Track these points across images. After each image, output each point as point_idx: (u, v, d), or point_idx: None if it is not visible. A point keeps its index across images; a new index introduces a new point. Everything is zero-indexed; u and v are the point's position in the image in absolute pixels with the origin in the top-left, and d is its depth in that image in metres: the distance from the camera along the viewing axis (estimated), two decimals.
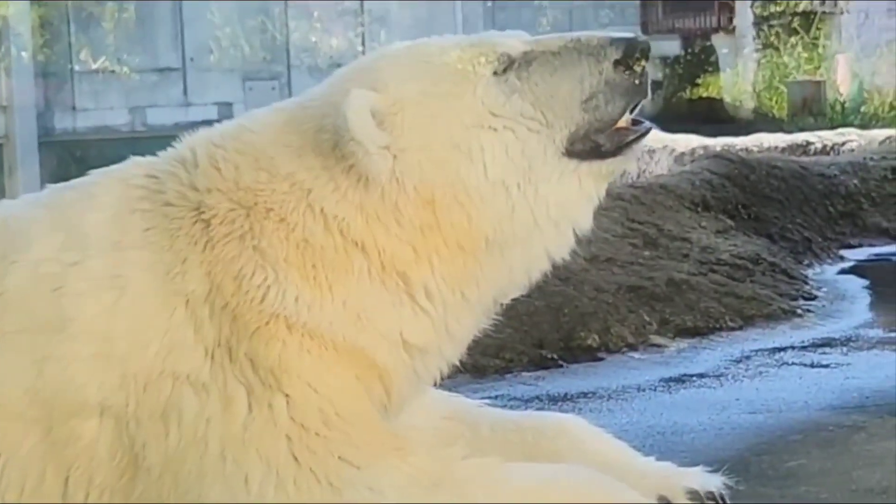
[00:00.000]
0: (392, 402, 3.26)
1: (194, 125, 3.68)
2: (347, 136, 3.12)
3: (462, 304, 3.27)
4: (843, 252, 9.29)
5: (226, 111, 23.04)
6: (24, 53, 21.99)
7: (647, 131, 3.31)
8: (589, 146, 3.24)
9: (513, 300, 3.46)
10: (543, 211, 3.23)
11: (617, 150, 3.27)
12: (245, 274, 3.13)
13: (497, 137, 3.19)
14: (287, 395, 3.08)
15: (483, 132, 3.19)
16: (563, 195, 3.24)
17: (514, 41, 3.29)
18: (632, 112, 3.28)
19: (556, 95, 3.22)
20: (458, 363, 3.43)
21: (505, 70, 3.23)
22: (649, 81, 3.29)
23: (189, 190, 3.23)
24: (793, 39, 24.10)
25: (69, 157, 21.18)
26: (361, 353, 3.17)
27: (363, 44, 24.77)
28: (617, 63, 3.21)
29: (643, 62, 3.26)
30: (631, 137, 3.28)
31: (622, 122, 3.26)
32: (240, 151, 3.26)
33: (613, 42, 3.23)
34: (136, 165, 3.38)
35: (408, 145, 3.16)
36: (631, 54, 3.22)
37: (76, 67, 22.72)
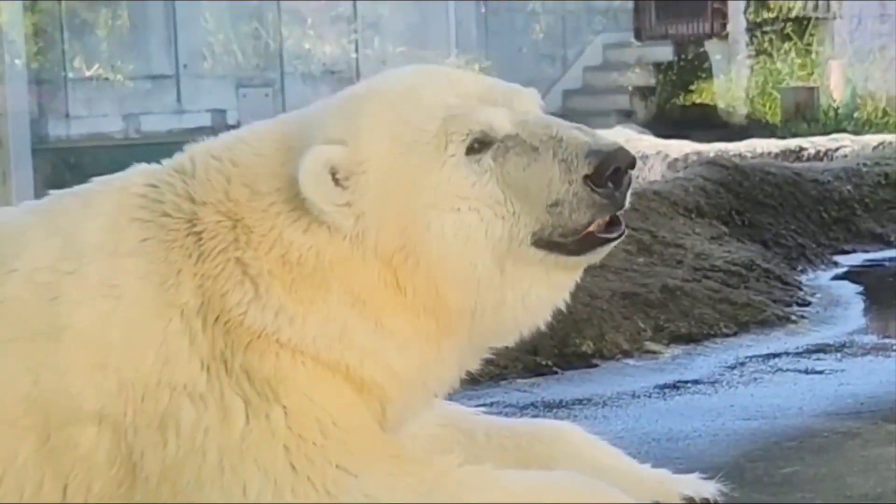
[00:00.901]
0: (387, 418, 3.26)
1: (188, 132, 3.70)
2: (301, 192, 3.11)
3: (439, 355, 3.27)
4: (836, 258, 9.28)
5: (219, 118, 23.03)
6: (17, 61, 21.97)
7: (619, 237, 3.24)
8: (554, 244, 3.19)
9: None
10: (510, 291, 3.21)
11: (581, 251, 3.22)
12: (228, 289, 3.14)
13: (459, 218, 3.14)
14: (284, 407, 3.10)
15: (445, 212, 3.14)
16: (531, 280, 3.22)
17: (503, 118, 3.20)
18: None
19: (524, 191, 3.15)
20: None
21: (481, 150, 3.17)
22: (626, 194, 3.18)
23: (185, 201, 3.24)
24: (786, 45, 24.11)
25: (63, 164, 21.15)
26: (349, 370, 3.18)
27: (356, 50, 24.76)
28: (587, 177, 3.12)
29: (622, 177, 3.14)
30: (596, 244, 3.22)
31: (594, 226, 3.18)
32: (234, 163, 3.27)
33: (590, 154, 3.12)
34: (137, 174, 3.38)
35: (368, 209, 3.14)
36: (602, 173, 3.11)
37: (70, 74, 22.68)
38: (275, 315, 3.13)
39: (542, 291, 3.25)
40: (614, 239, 3.24)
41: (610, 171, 3.12)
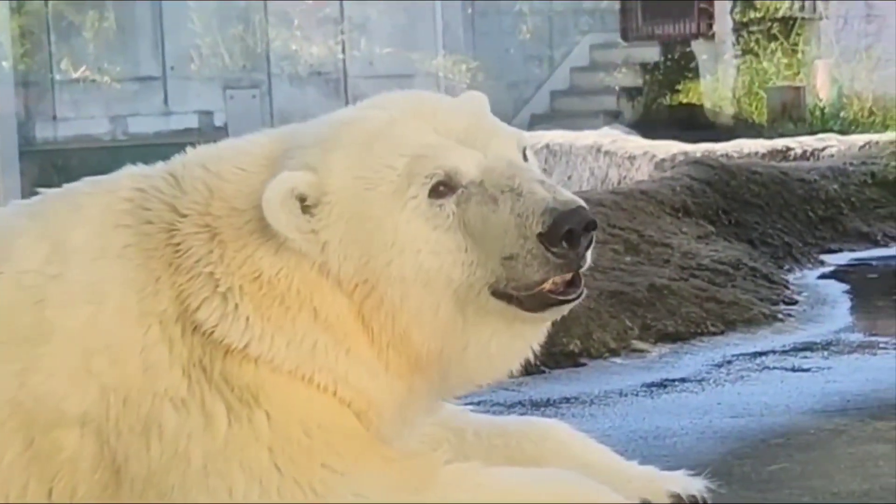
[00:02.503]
0: (374, 429, 3.25)
1: (175, 134, 3.70)
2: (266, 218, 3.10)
3: (410, 391, 3.25)
4: (823, 257, 9.31)
5: (206, 120, 23.03)
6: (4, 63, 21.94)
7: (574, 300, 3.18)
8: (510, 297, 3.14)
9: None
10: (474, 338, 3.17)
11: (536, 310, 3.18)
12: (200, 302, 3.14)
13: (418, 261, 3.11)
14: (266, 411, 3.10)
15: (404, 254, 3.11)
16: (492, 328, 3.18)
17: (470, 164, 3.15)
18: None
19: (481, 242, 3.11)
20: None
21: (445, 194, 3.13)
22: (583, 257, 3.11)
23: (167, 210, 3.23)
24: (772, 45, 24.11)
25: (50, 166, 21.11)
26: (319, 388, 3.17)
27: (344, 51, 24.75)
28: (541, 236, 3.07)
29: (578, 238, 3.07)
30: (552, 304, 3.18)
31: (550, 284, 3.13)
32: (219, 176, 3.26)
33: (545, 212, 3.05)
34: (126, 176, 3.37)
35: (332, 240, 3.13)
36: (555, 233, 3.04)
37: (57, 76, 22.65)
38: (242, 332, 3.12)
39: (504, 341, 3.21)
40: (570, 301, 3.18)
41: (563, 231, 3.05)
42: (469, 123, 3.26)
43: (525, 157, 3.30)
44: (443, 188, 3.13)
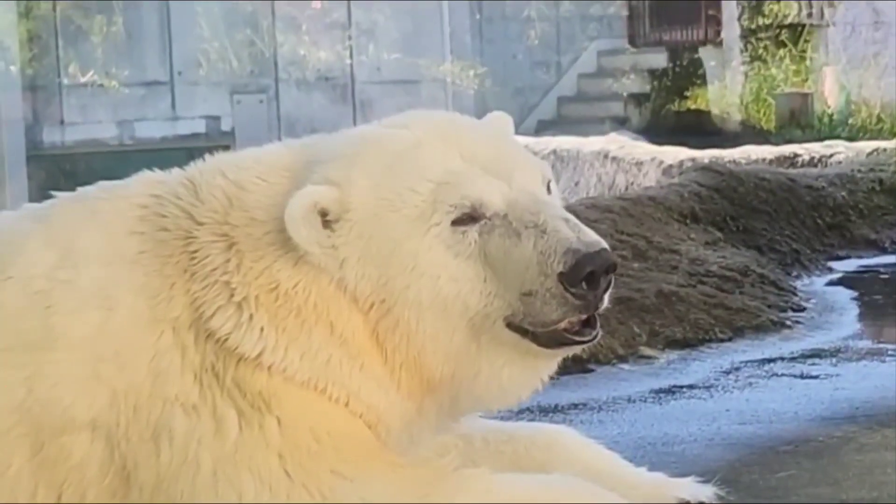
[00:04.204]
0: (381, 441, 3.25)
1: (182, 139, 3.70)
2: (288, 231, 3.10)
3: (419, 411, 3.26)
4: (831, 264, 9.29)
5: (214, 125, 23.02)
6: (12, 67, 21.95)
7: (589, 341, 3.18)
8: (525, 332, 3.15)
9: None
10: (486, 365, 3.18)
11: (551, 346, 3.19)
12: (214, 310, 3.13)
13: (437, 287, 3.11)
14: (277, 417, 3.10)
15: (423, 278, 3.11)
16: (505, 358, 3.19)
17: (495, 195, 3.15)
18: None
19: (501, 275, 3.11)
20: None
21: (468, 222, 3.13)
22: (601, 299, 3.12)
23: (184, 218, 3.23)
24: (780, 52, 24.12)
25: (58, 170, 21.12)
26: (331, 399, 3.17)
27: (351, 57, 24.74)
28: (562, 275, 3.07)
29: (598, 280, 3.08)
30: (565, 343, 3.19)
31: (566, 323, 3.14)
32: (238, 185, 3.26)
33: (567, 252, 3.06)
34: (141, 182, 3.37)
35: (350, 257, 3.13)
36: (577, 274, 3.05)
37: (64, 81, 22.66)
38: (255, 342, 3.13)
39: (516, 371, 3.22)
40: (584, 342, 3.20)
41: (584, 273, 3.06)
42: (495, 151, 3.26)
43: (549, 190, 3.30)
44: (466, 217, 3.13)
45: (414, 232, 3.13)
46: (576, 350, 3.26)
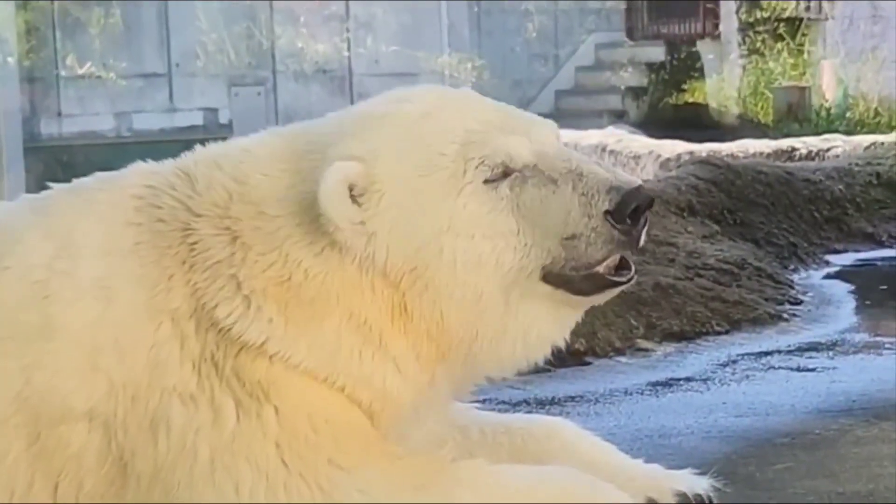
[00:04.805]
0: (386, 426, 3.25)
1: (180, 131, 3.68)
2: (320, 209, 3.10)
3: (432, 383, 3.26)
4: (828, 257, 9.31)
5: (211, 117, 23.01)
6: (9, 59, 21.92)
7: (628, 282, 3.24)
8: (563, 280, 3.18)
9: None
10: (513, 324, 3.20)
11: (588, 292, 3.22)
12: (218, 302, 3.13)
13: (472, 245, 3.13)
14: (275, 406, 3.10)
15: (458, 238, 3.13)
16: (535, 314, 3.21)
17: (522, 148, 3.19)
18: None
19: (540, 223, 3.14)
20: None
21: (499, 178, 3.16)
22: (643, 234, 3.18)
23: (182, 209, 3.23)
24: (778, 45, 24.14)
25: (55, 162, 21.09)
26: (341, 388, 3.17)
27: (349, 49, 24.73)
28: (608, 213, 3.12)
29: (640, 216, 3.14)
30: (606, 286, 3.22)
31: (603, 267, 3.18)
32: (236, 179, 3.25)
33: (611, 190, 3.12)
34: (136, 173, 3.37)
35: (380, 229, 3.13)
36: (623, 210, 3.11)
37: (62, 73, 22.63)
38: (261, 331, 3.12)
39: (544, 327, 3.24)
40: (623, 283, 3.24)
41: (630, 208, 3.11)
42: (505, 112, 3.30)
43: None
44: (496, 173, 3.16)
45: (447, 193, 3.14)
46: (612, 294, 3.27)
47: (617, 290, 3.27)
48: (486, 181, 3.15)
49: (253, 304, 3.13)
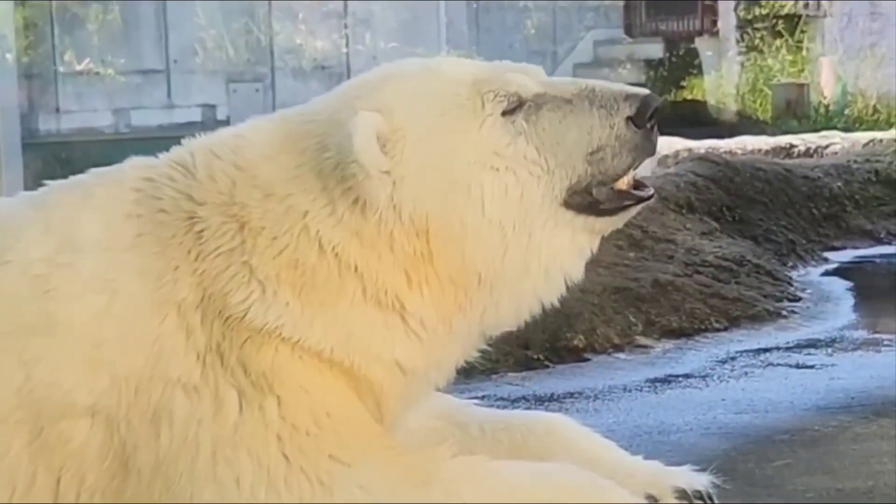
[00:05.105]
0: (383, 417, 3.27)
1: (178, 127, 3.68)
2: (350, 158, 3.11)
3: (450, 335, 3.28)
4: (826, 254, 9.32)
5: (209, 113, 22.99)
6: (7, 55, 21.90)
7: (649, 198, 3.31)
8: (587, 201, 3.24)
9: None
10: (535, 257, 3.23)
11: (614, 211, 3.27)
12: (232, 288, 3.13)
13: (497, 178, 3.18)
14: (278, 397, 3.10)
15: (484, 171, 3.18)
16: (556, 245, 3.25)
17: (528, 80, 3.27)
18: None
19: (562, 143, 3.21)
20: None
21: (514, 111, 3.22)
22: (657, 140, 3.28)
23: (184, 199, 3.23)
24: (777, 42, 24.13)
25: (53, 158, 21.08)
26: (352, 369, 3.18)
27: (347, 45, 24.72)
28: (629, 119, 3.21)
29: (655, 121, 3.24)
30: (630, 202, 3.29)
31: (624, 183, 3.26)
32: (237, 166, 3.26)
33: (628, 97, 3.22)
34: (133, 167, 3.37)
35: (406, 174, 3.16)
36: (644, 112, 3.22)
37: (60, 69, 22.62)
38: (278, 315, 3.13)
39: (566, 260, 3.27)
40: (647, 198, 3.31)
41: (651, 109, 3.22)
42: (497, 63, 3.40)
43: None
44: (512, 106, 3.22)
45: (469, 128, 3.20)
46: (634, 212, 3.33)
47: (639, 208, 3.33)
48: (503, 113, 3.22)
49: (268, 289, 3.14)
